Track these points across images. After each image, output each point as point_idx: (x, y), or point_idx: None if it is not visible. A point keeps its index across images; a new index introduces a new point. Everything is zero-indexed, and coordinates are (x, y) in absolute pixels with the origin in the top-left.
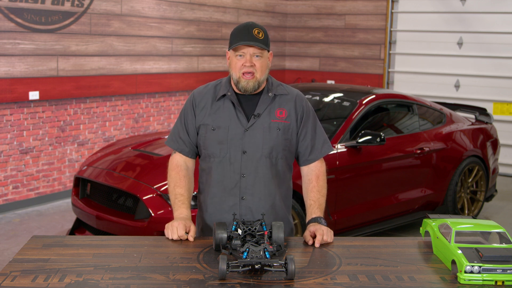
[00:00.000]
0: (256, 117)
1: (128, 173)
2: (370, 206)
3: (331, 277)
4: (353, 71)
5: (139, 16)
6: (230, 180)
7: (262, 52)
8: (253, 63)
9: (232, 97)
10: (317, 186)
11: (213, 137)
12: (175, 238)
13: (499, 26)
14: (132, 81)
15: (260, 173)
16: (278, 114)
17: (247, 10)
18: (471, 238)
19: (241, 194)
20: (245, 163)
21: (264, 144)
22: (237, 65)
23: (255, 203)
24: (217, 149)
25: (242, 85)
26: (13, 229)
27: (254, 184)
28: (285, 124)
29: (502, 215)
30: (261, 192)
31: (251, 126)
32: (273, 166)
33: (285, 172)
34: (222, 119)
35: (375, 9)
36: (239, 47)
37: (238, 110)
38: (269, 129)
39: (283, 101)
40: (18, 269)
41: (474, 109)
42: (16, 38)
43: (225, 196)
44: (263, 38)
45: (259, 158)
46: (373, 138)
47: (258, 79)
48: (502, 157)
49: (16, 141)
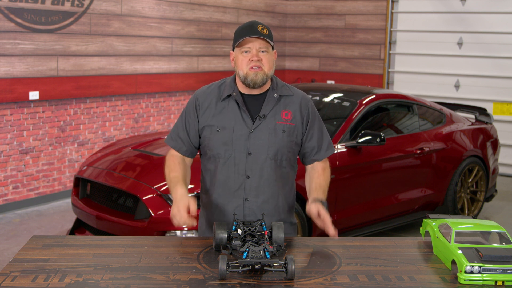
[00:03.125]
0: (261, 118)
1: (128, 173)
2: (370, 206)
3: (331, 277)
4: (353, 71)
5: (139, 16)
6: (235, 182)
7: (268, 48)
8: (260, 58)
9: (237, 98)
10: (323, 175)
11: (218, 138)
12: (182, 225)
13: (499, 26)
14: (132, 81)
15: (265, 175)
16: (284, 116)
17: (247, 10)
18: (471, 238)
19: (245, 195)
20: (250, 164)
21: (269, 146)
22: (243, 61)
23: (259, 205)
24: (222, 150)
25: (251, 78)
26: (13, 229)
27: (258, 186)
28: (290, 126)
29: (502, 215)
30: (265, 193)
31: (256, 127)
32: (278, 167)
33: (288, 173)
34: (227, 120)
35: (375, 9)
36: (244, 43)
37: (243, 111)
38: (275, 131)
39: (288, 102)
40: (18, 269)
41: (474, 109)
42: (16, 38)
43: (229, 198)
44: (268, 34)
45: (264, 159)
46: (373, 138)
47: (266, 73)
48: (502, 157)
49: (16, 141)
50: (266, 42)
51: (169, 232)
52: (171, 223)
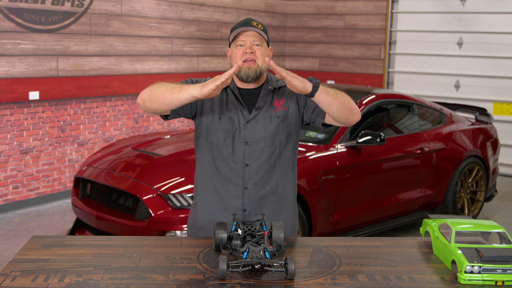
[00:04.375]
0: (257, 109)
1: (128, 173)
2: (370, 206)
3: (331, 277)
4: (353, 71)
5: (139, 16)
6: (233, 170)
7: (262, 42)
8: (253, 50)
9: (234, 90)
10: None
11: (219, 126)
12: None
13: (499, 26)
14: (132, 81)
15: (264, 162)
16: (276, 104)
17: (247, 10)
18: (471, 238)
19: (245, 184)
20: (248, 153)
21: (266, 134)
22: (237, 55)
23: (258, 192)
24: (221, 138)
25: (244, 72)
26: (13, 229)
27: (257, 173)
28: (284, 111)
29: (502, 215)
30: (263, 180)
31: (253, 118)
32: (276, 155)
33: (289, 159)
34: (227, 110)
35: (375, 9)
36: (238, 37)
37: (240, 103)
38: (270, 120)
39: (281, 92)
40: (18, 269)
41: (474, 109)
42: (16, 38)
43: (228, 186)
44: (262, 29)
45: (262, 147)
46: (373, 138)
47: (259, 66)
48: (502, 157)
49: (16, 141)
50: (260, 36)
51: (169, 232)
52: (171, 223)
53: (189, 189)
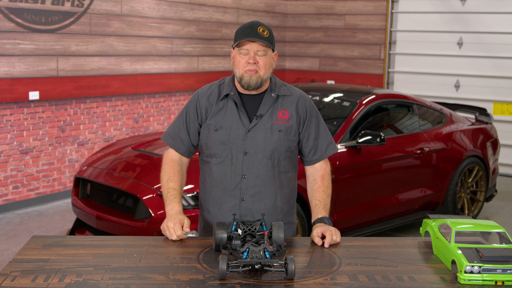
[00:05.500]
0: (258, 118)
1: (128, 173)
2: (370, 206)
3: (331, 277)
4: (353, 71)
5: (139, 16)
6: (231, 181)
7: (266, 51)
8: (256, 61)
9: (235, 97)
10: (322, 186)
11: (216, 137)
12: (175, 238)
13: (499, 26)
14: (132, 81)
15: (262, 175)
16: (280, 115)
17: (247, 10)
18: (471, 238)
19: (242, 195)
20: (246, 164)
21: (265, 145)
22: (240, 63)
23: (255, 205)
24: (219, 149)
25: (246, 81)
26: (13, 229)
27: (255, 186)
28: (287, 125)
29: (502, 215)
30: (261, 193)
31: (253, 127)
32: (275, 167)
33: (288, 173)
34: (225, 120)
35: (375, 9)
36: (243, 44)
37: (240, 111)
38: (271, 131)
39: (286, 102)
40: (18, 269)
41: (474, 109)
42: (16, 38)
43: (226, 197)
44: (268, 36)
45: (261, 159)
46: (373, 138)
47: (261, 76)
48: (502, 157)
49: (16, 141)
50: (265, 45)
51: None
52: None
53: (189, 189)
